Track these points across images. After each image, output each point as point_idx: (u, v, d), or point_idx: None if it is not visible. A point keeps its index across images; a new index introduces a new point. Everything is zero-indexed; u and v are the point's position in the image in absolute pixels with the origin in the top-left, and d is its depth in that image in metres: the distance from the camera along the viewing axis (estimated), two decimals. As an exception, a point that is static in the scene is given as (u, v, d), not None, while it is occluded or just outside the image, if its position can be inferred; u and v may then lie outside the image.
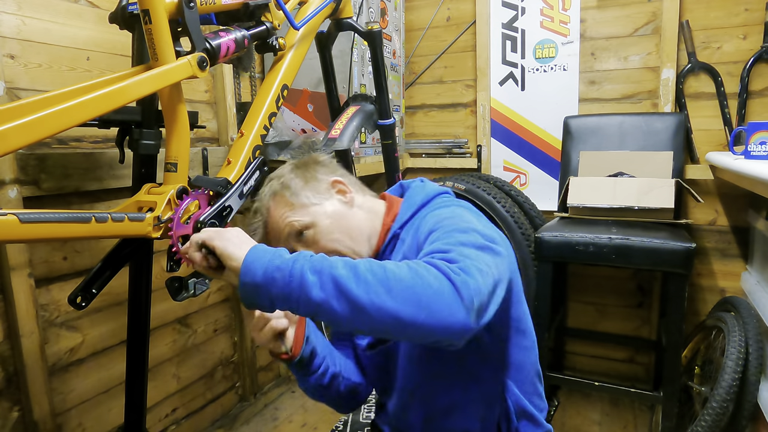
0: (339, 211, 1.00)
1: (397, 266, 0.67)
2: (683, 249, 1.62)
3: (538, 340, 1.06)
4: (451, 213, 0.88)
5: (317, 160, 1.07)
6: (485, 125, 2.50)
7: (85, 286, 1.14)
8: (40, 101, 0.92)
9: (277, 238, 1.00)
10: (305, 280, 0.66)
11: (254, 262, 0.69)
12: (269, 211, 1.00)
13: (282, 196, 1.00)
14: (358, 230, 0.99)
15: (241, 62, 1.33)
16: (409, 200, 1.02)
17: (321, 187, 1.01)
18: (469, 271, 0.67)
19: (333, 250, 0.96)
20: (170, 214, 1.04)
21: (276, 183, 1.01)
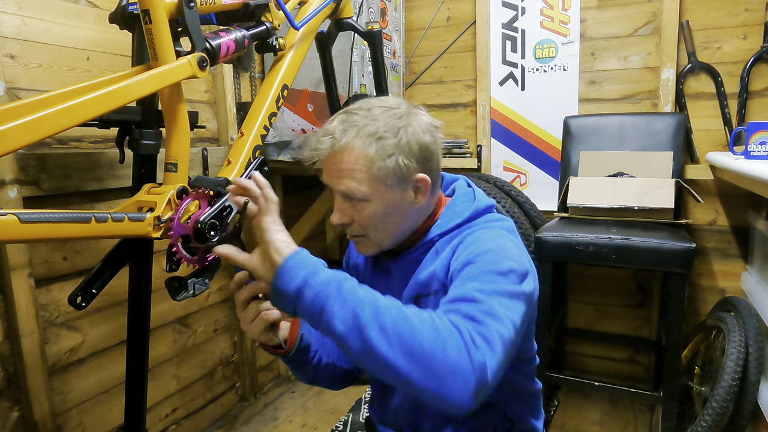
0: (400, 207, 0.91)
1: (422, 323, 0.67)
2: (683, 249, 1.62)
3: (539, 341, 1.06)
4: (492, 242, 0.85)
5: (431, 144, 0.91)
6: (485, 125, 2.50)
7: (86, 286, 1.14)
8: (40, 101, 0.92)
9: (328, 171, 0.89)
10: (332, 310, 0.69)
11: (292, 269, 0.73)
12: (345, 147, 0.86)
13: (370, 150, 0.85)
14: (399, 229, 0.93)
15: (241, 62, 1.34)
16: (453, 209, 0.96)
17: (407, 176, 0.88)
18: (491, 344, 0.68)
19: (362, 228, 0.91)
20: (170, 214, 1.04)
21: (382, 130, 0.86)
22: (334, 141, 0.86)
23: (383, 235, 0.92)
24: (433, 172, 0.93)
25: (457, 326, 0.68)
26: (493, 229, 0.90)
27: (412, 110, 0.90)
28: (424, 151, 0.89)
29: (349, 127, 0.86)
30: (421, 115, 0.91)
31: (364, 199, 0.88)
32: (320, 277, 0.72)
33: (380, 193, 0.88)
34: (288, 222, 2.50)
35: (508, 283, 0.78)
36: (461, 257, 0.84)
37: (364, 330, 0.67)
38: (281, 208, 2.51)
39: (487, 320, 0.70)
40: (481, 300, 0.73)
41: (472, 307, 0.72)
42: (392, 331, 0.66)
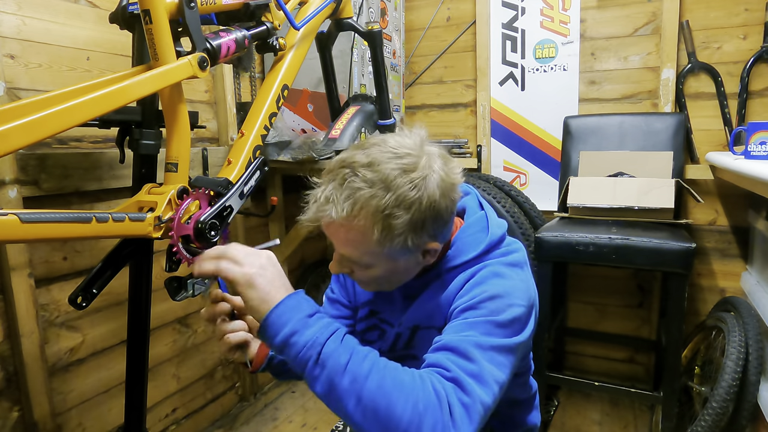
0: (405, 269, 0.85)
1: (401, 394, 0.65)
2: (683, 249, 1.62)
3: (539, 341, 1.07)
4: (500, 286, 0.79)
5: (444, 214, 0.81)
6: (485, 125, 2.50)
7: (86, 286, 1.14)
8: (40, 101, 0.92)
9: (328, 232, 0.81)
10: (311, 373, 0.68)
11: (276, 322, 0.70)
12: (348, 223, 0.76)
13: (376, 230, 0.76)
14: (400, 282, 0.88)
15: (242, 62, 1.34)
16: (465, 240, 0.89)
17: (411, 245, 0.79)
18: (470, 416, 0.67)
19: (364, 282, 0.87)
20: (171, 214, 1.04)
21: (392, 205, 0.75)
22: (336, 214, 0.75)
23: (385, 286, 0.89)
24: (447, 229, 0.85)
25: (438, 396, 0.66)
26: (504, 266, 0.83)
27: (429, 165, 0.78)
28: (438, 221, 0.79)
29: (353, 195, 0.75)
30: (437, 170, 0.78)
31: (365, 266, 0.82)
32: (303, 336, 0.69)
33: (384, 263, 0.81)
34: (288, 222, 2.50)
35: (506, 336, 0.76)
36: (466, 296, 0.80)
37: (341, 400, 0.67)
38: (281, 208, 2.51)
39: (471, 386, 0.68)
40: (473, 358, 0.71)
41: (462, 366, 0.70)
42: (368, 402, 0.65)
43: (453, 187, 0.80)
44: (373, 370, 0.67)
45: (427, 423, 0.64)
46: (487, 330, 0.74)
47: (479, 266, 0.84)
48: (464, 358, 0.71)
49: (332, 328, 0.71)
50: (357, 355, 0.69)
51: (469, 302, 0.78)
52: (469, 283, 0.82)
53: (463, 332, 0.74)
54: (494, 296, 0.78)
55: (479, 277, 0.82)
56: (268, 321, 0.71)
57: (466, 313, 0.77)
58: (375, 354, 0.71)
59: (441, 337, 0.76)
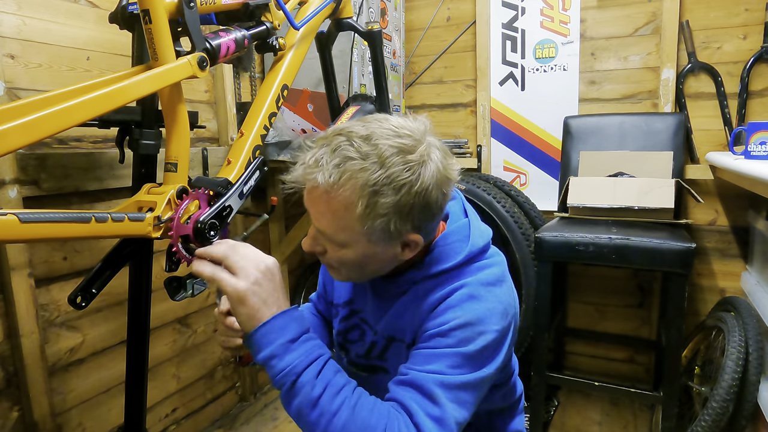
0: (381, 259, 0.80)
1: (366, 430, 0.69)
2: (683, 249, 1.62)
3: (539, 341, 1.07)
4: (474, 311, 0.77)
5: (434, 207, 0.76)
6: (485, 125, 2.50)
7: (85, 286, 1.14)
8: (40, 101, 0.92)
9: (309, 200, 0.77)
10: (285, 396, 0.72)
11: (259, 341, 0.71)
12: (332, 190, 0.72)
13: (360, 205, 0.72)
14: (374, 273, 0.85)
15: (241, 62, 1.34)
16: (444, 248, 0.84)
17: (397, 236, 0.76)
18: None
19: (334, 262, 0.82)
20: (170, 214, 1.04)
21: (382, 182, 0.71)
22: (322, 179, 0.72)
23: (356, 275, 0.85)
24: (432, 226, 0.81)
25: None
26: (481, 286, 0.80)
27: (428, 152, 0.74)
28: (425, 212, 0.75)
29: (344, 163, 0.71)
30: (435, 161, 0.75)
31: (341, 245, 0.78)
32: (282, 362, 0.71)
33: (360, 244, 0.76)
34: (288, 222, 2.50)
35: (474, 368, 0.76)
36: (438, 319, 0.77)
37: (308, 429, 0.71)
38: (281, 208, 2.51)
39: (432, 431, 0.71)
40: (437, 400, 0.72)
41: (426, 409, 0.72)
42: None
43: (448, 182, 0.77)
44: (343, 407, 0.69)
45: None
46: (454, 362, 0.74)
47: (456, 285, 0.80)
48: (429, 400, 0.72)
49: (312, 356, 0.72)
50: (330, 389, 0.70)
51: (439, 328, 0.76)
52: (444, 304, 0.79)
53: (429, 365, 0.74)
54: (465, 324, 0.76)
55: (454, 300, 0.78)
56: (252, 339, 0.72)
57: (435, 340, 0.76)
58: (350, 388, 0.72)
59: (408, 370, 0.76)
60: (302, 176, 0.74)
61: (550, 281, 1.86)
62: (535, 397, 1.94)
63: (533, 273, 2.03)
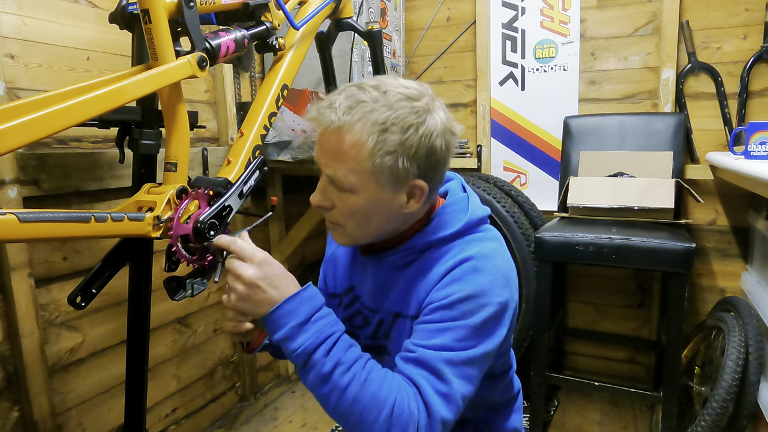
0: (387, 208, 0.82)
1: (376, 408, 0.72)
2: (683, 249, 1.62)
3: (539, 340, 1.07)
4: (477, 283, 0.79)
5: (442, 151, 0.81)
6: (485, 125, 2.50)
7: (85, 285, 1.14)
8: (39, 101, 0.92)
9: (321, 147, 0.81)
10: (300, 372, 0.76)
11: (276, 323, 0.76)
12: (344, 128, 0.77)
13: (370, 141, 0.76)
14: (380, 230, 0.86)
15: (241, 62, 1.34)
16: (443, 217, 0.89)
17: (404, 179, 0.80)
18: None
19: (341, 217, 0.84)
20: (170, 213, 1.04)
21: (390, 121, 0.76)
22: (336, 117, 0.77)
23: (361, 231, 0.86)
24: (435, 180, 0.84)
25: (411, 416, 0.72)
26: (483, 259, 0.82)
27: (432, 105, 0.80)
28: (430, 157, 0.80)
29: (356, 105, 0.77)
30: (440, 113, 0.81)
31: (350, 190, 0.80)
32: (292, 344, 0.75)
33: (369, 188, 0.79)
34: (288, 222, 2.50)
35: (478, 341, 0.78)
36: (442, 292, 0.80)
37: (322, 402, 0.76)
38: (281, 208, 2.51)
39: (439, 408, 0.74)
40: (444, 377, 0.75)
41: (433, 386, 0.75)
42: (342, 412, 0.74)
43: (451, 133, 0.82)
44: (352, 382, 0.73)
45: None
46: (459, 335, 0.77)
47: (460, 258, 0.82)
48: (436, 377, 0.75)
49: (323, 336, 0.75)
50: (340, 366, 0.74)
51: (443, 301, 0.79)
52: (448, 277, 0.81)
53: (435, 339, 0.77)
54: (469, 296, 0.78)
55: (458, 273, 0.81)
56: (266, 322, 0.77)
57: (440, 313, 0.79)
58: (360, 363, 0.75)
59: (414, 347, 0.78)
60: (316, 116, 0.80)
61: (550, 281, 1.86)
62: (535, 397, 1.94)
63: (533, 273, 2.03)
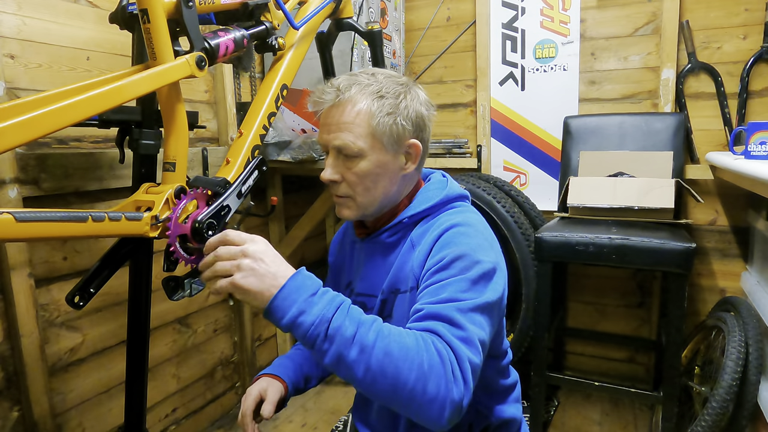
0: (390, 170, 0.95)
1: (407, 358, 0.71)
2: (683, 249, 1.62)
3: (539, 340, 1.07)
4: (466, 244, 0.87)
5: (426, 116, 0.98)
6: (485, 125, 2.50)
7: (83, 285, 1.14)
8: (38, 100, 0.92)
9: (326, 125, 0.94)
10: (320, 347, 0.73)
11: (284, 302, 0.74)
12: (348, 100, 0.92)
13: (372, 106, 0.91)
14: (385, 193, 0.96)
15: (241, 62, 1.33)
16: (426, 193, 1.00)
17: (402, 139, 0.94)
18: (466, 378, 0.73)
19: (350, 187, 0.94)
20: (168, 213, 1.04)
21: (384, 90, 0.93)
22: (338, 93, 0.92)
23: (369, 197, 0.95)
24: (425, 143, 0.98)
25: (441, 356, 0.73)
26: (465, 226, 0.91)
27: (411, 83, 0.97)
28: (419, 120, 0.95)
29: (354, 84, 0.92)
30: (419, 91, 0.97)
31: (359, 154, 0.91)
32: (309, 317, 0.73)
33: (375, 150, 0.92)
34: (288, 222, 2.50)
35: (479, 293, 0.82)
36: (436, 257, 0.87)
37: (350, 369, 0.72)
38: (281, 208, 2.51)
39: (464, 350, 0.75)
40: (458, 323, 0.77)
41: (451, 332, 0.76)
42: (377, 369, 0.71)
43: (429, 104, 0.98)
44: (378, 338, 0.72)
45: (432, 381, 0.70)
46: (461, 287, 0.81)
47: (445, 227, 0.90)
48: (451, 324, 0.77)
49: (337, 302, 0.75)
50: (363, 327, 0.73)
51: (439, 263, 0.85)
52: (438, 243, 0.89)
53: (440, 295, 0.81)
54: (462, 255, 0.85)
55: (446, 238, 0.89)
56: (273, 307, 0.74)
57: (439, 274, 0.84)
58: (379, 322, 0.76)
59: (422, 305, 0.81)
60: (320, 98, 0.93)
61: (550, 281, 1.86)
62: (535, 397, 1.94)
63: (533, 273, 2.03)
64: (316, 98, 0.94)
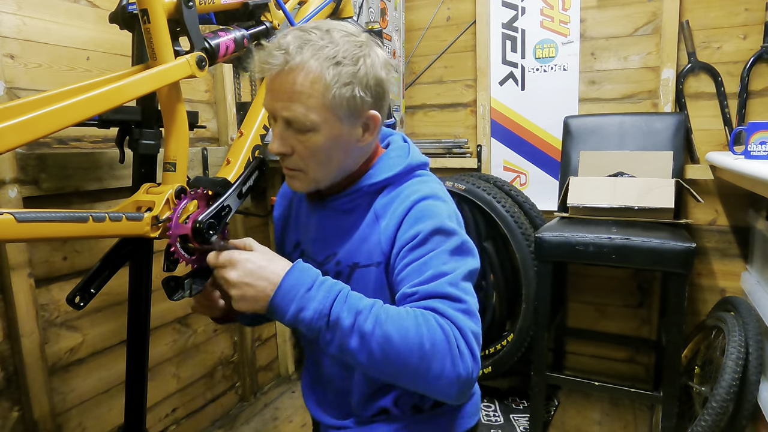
0: (346, 142, 0.85)
1: (410, 340, 0.71)
2: (683, 249, 1.62)
3: (539, 340, 1.07)
4: (437, 215, 0.84)
5: (386, 81, 0.86)
6: (485, 125, 2.50)
7: (84, 285, 1.14)
8: (38, 100, 0.91)
9: (273, 92, 0.81)
10: (324, 338, 0.74)
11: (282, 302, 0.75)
12: (300, 67, 0.78)
13: (327, 75, 0.78)
14: (339, 167, 0.88)
15: (241, 62, 1.33)
16: (387, 161, 0.93)
17: (360, 111, 0.83)
18: (473, 351, 0.74)
19: (302, 161, 0.86)
20: (168, 213, 1.03)
21: (341, 55, 0.79)
22: (288, 57, 0.78)
23: (323, 170, 0.88)
24: (382, 112, 0.88)
25: (444, 332, 0.72)
26: (433, 199, 0.87)
27: (370, 41, 0.85)
28: (379, 87, 0.84)
29: (305, 44, 0.78)
30: (377, 49, 0.85)
31: (311, 128, 0.81)
32: (308, 312, 0.74)
33: (329, 124, 0.82)
34: (288, 222, 2.50)
35: (463, 261, 0.82)
36: (410, 232, 0.83)
37: (354, 356, 0.73)
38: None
39: (466, 322, 0.75)
40: (455, 296, 0.77)
41: (452, 307, 0.76)
42: (378, 354, 0.72)
43: (390, 68, 0.87)
44: (377, 324, 0.72)
45: (436, 361, 0.71)
46: (443, 260, 0.80)
47: (412, 201, 0.86)
48: (450, 300, 0.77)
49: (334, 293, 0.75)
50: (361, 315, 0.73)
51: (416, 239, 0.82)
52: (409, 218, 0.85)
53: (426, 273, 0.79)
54: (436, 229, 0.82)
55: (418, 212, 0.85)
56: (272, 306, 0.75)
57: (417, 250, 0.82)
58: (378, 305, 0.75)
59: (413, 288, 0.79)
60: (266, 60, 0.80)
61: (550, 281, 1.86)
62: (535, 397, 1.94)
63: (533, 273, 2.03)
64: (262, 62, 0.81)
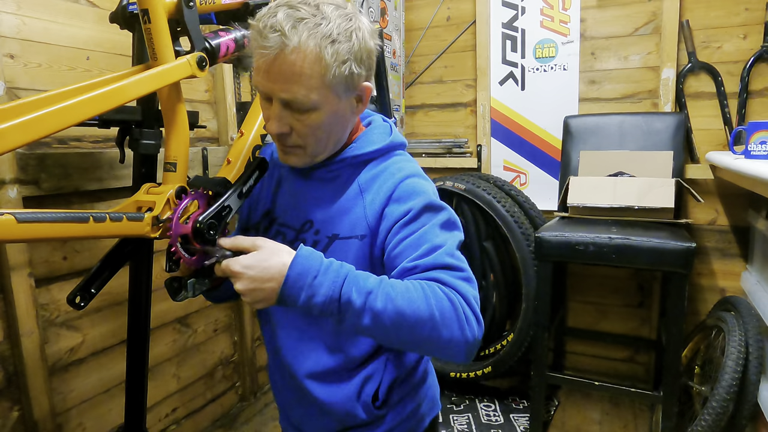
0: (343, 116, 0.87)
1: (420, 311, 0.74)
2: (683, 249, 1.62)
3: (539, 340, 1.07)
4: (424, 192, 0.87)
5: (374, 51, 0.86)
6: (485, 125, 2.50)
7: (84, 285, 1.14)
8: (38, 100, 0.91)
9: (270, 74, 0.80)
10: (337, 321, 0.77)
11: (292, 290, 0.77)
12: (298, 49, 0.77)
13: (326, 55, 0.78)
14: (337, 139, 0.90)
15: (241, 62, 1.33)
16: (370, 136, 0.94)
17: (355, 84, 0.84)
18: (477, 316, 0.77)
19: (301, 138, 0.86)
20: (169, 213, 1.03)
21: (336, 31, 0.78)
22: (284, 39, 0.76)
23: (321, 146, 0.89)
24: (372, 81, 0.90)
25: (451, 301, 0.76)
26: (417, 178, 0.90)
27: (354, 11, 0.85)
28: (369, 59, 0.85)
29: (299, 23, 0.76)
30: (362, 17, 0.85)
31: (312, 107, 0.82)
32: (318, 298, 0.76)
33: (328, 101, 0.82)
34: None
35: (453, 233, 0.86)
36: (401, 209, 0.86)
37: (370, 333, 0.78)
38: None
39: (468, 289, 0.79)
40: (455, 266, 0.80)
41: (454, 276, 0.79)
42: (392, 330, 0.75)
43: (375, 35, 0.87)
44: (387, 301, 0.75)
45: (445, 329, 0.74)
46: (436, 232, 0.83)
47: (398, 179, 0.88)
48: (449, 269, 0.80)
49: (341, 277, 0.77)
50: (371, 294, 0.75)
51: (408, 214, 0.85)
52: (397, 194, 0.87)
53: (422, 246, 0.82)
54: (425, 206, 0.85)
55: (406, 189, 0.87)
56: (283, 297, 0.77)
57: (410, 225, 0.84)
58: (385, 282, 0.77)
59: (412, 263, 0.81)
60: (261, 44, 0.78)
61: (550, 281, 1.86)
62: (535, 397, 1.94)
63: (533, 273, 2.03)
64: (258, 47, 0.79)
